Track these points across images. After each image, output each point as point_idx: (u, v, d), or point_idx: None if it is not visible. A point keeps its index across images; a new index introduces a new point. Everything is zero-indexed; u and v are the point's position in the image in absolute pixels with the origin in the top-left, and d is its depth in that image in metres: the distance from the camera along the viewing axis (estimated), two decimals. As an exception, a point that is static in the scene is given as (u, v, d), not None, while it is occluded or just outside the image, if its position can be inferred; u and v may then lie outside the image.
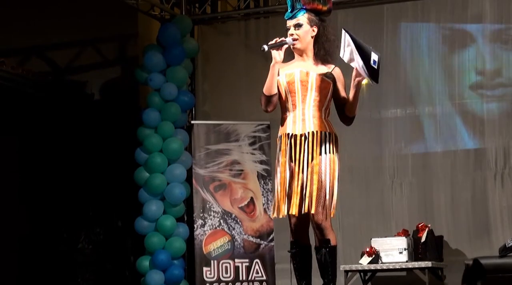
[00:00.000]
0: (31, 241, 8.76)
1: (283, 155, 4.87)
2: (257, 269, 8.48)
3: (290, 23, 4.91)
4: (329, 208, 4.79)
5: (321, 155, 4.80)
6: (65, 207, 8.80)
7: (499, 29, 8.30)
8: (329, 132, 4.85)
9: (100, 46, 9.33)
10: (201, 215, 8.51)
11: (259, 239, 8.55)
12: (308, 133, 4.82)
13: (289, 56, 4.97)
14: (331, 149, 4.83)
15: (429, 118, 8.51)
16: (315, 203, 4.75)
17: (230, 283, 8.43)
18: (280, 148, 4.90)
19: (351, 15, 8.60)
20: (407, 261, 7.75)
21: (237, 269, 8.46)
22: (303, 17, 4.89)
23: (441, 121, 8.45)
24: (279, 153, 4.90)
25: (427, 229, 7.87)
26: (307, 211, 4.76)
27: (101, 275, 8.78)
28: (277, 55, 4.77)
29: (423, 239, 7.82)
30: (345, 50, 4.74)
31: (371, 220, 8.45)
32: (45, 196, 8.82)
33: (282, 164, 4.86)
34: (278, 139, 4.94)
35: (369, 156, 8.56)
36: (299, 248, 4.95)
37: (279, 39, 4.81)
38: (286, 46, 4.82)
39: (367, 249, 7.85)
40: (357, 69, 4.71)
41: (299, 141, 4.83)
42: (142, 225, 8.35)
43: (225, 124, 8.69)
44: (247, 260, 8.50)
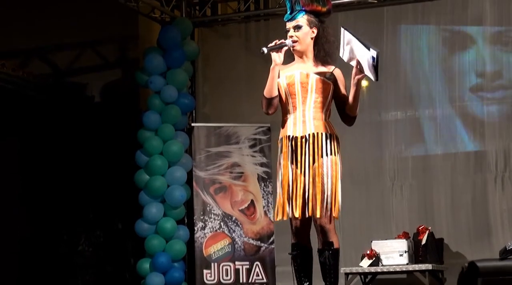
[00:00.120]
0: (31, 243, 8.77)
1: (284, 158, 4.85)
2: (257, 272, 8.47)
3: (289, 25, 4.90)
4: (332, 211, 4.78)
5: (322, 157, 4.79)
6: (65, 209, 8.81)
7: (499, 31, 8.29)
8: (330, 133, 4.84)
9: (100, 48, 9.34)
10: (202, 217, 8.50)
11: (259, 242, 8.54)
12: (309, 135, 4.81)
13: (289, 58, 4.96)
14: (333, 151, 4.82)
15: (429, 120, 8.50)
16: (319, 205, 4.74)
17: (230, 286, 8.45)
18: (281, 150, 4.88)
19: (351, 17, 8.59)
20: (407, 264, 7.74)
21: (237, 271, 8.45)
22: (302, 19, 4.89)
23: (441, 124, 8.44)
24: (280, 155, 4.88)
25: (427, 232, 7.86)
26: (311, 214, 4.75)
27: (101, 278, 8.78)
28: (277, 57, 4.76)
29: (424, 242, 7.81)
30: (345, 49, 4.73)
31: (371, 223, 8.44)
32: (46, 198, 8.83)
33: (283, 167, 4.85)
34: (279, 141, 4.92)
35: (370, 159, 8.55)
36: (300, 250, 4.94)
37: (278, 41, 4.80)
38: (286, 48, 4.81)
39: (368, 252, 7.84)
40: (358, 66, 4.69)
41: (300, 143, 4.82)
42: (142, 228, 8.34)
43: (225, 126, 8.68)
44: (248, 263, 8.49)
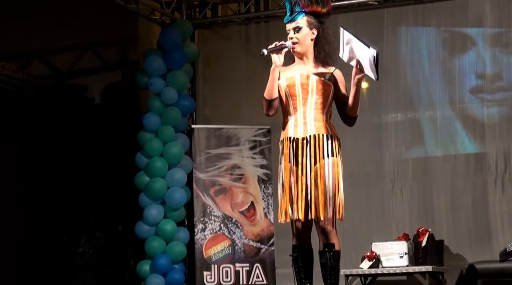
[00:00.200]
0: (31, 245, 8.76)
1: (285, 159, 4.85)
2: (257, 274, 8.47)
3: (289, 26, 4.90)
4: (335, 213, 4.78)
5: (324, 158, 4.78)
6: (65, 211, 8.81)
7: (499, 32, 8.29)
8: (331, 134, 4.84)
9: (100, 50, 9.34)
10: (202, 219, 8.50)
11: (259, 244, 8.54)
12: (310, 136, 4.81)
13: (289, 59, 4.96)
14: (334, 152, 4.81)
15: (430, 122, 8.49)
16: (321, 207, 4.74)
17: (230, 288, 8.45)
18: (282, 152, 4.87)
19: (352, 18, 8.58)
20: (407, 266, 7.74)
21: (237, 273, 8.45)
22: (302, 20, 4.89)
23: (441, 125, 8.44)
24: (282, 157, 4.88)
25: (427, 234, 7.85)
26: (314, 217, 4.75)
27: (102, 279, 8.77)
28: (277, 59, 4.76)
29: (424, 244, 7.81)
30: (344, 49, 4.73)
31: (371, 225, 8.43)
32: (46, 200, 8.83)
33: (285, 169, 4.84)
34: (280, 143, 4.92)
35: (370, 161, 8.55)
36: (301, 252, 4.93)
37: (278, 43, 4.80)
38: (286, 49, 4.81)
39: (368, 254, 7.83)
40: (358, 66, 4.69)
41: (301, 145, 4.81)
42: (142, 229, 8.34)
43: (225, 128, 8.68)
44: (248, 265, 8.48)
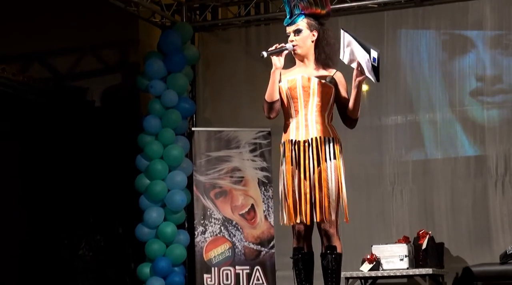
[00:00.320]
0: (32, 247, 8.76)
1: (287, 162, 4.84)
2: (257, 276, 8.46)
3: (289, 29, 4.90)
4: (338, 215, 4.78)
5: (326, 161, 4.78)
6: (65, 213, 8.80)
7: (500, 35, 8.29)
8: (333, 137, 4.84)
9: (101, 52, 9.35)
10: (202, 222, 8.50)
11: (259, 246, 8.54)
12: (311, 139, 4.81)
13: (290, 62, 4.96)
14: (336, 155, 4.82)
15: (430, 125, 8.50)
16: (325, 210, 4.74)
17: (230, 290, 8.44)
18: (284, 155, 4.87)
19: (352, 21, 8.58)
20: (408, 268, 7.74)
21: (237, 276, 8.45)
22: (302, 22, 4.89)
23: (441, 128, 8.44)
24: (283, 159, 4.87)
25: (427, 236, 7.86)
26: (319, 220, 4.75)
27: (102, 282, 8.77)
28: (277, 61, 4.76)
29: (424, 246, 7.81)
30: (345, 51, 4.72)
31: (371, 227, 8.43)
32: (46, 202, 8.82)
33: (286, 171, 4.84)
34: (281, 145, 4.91)
35: (370, 163, 8.55)
36: (301, 255, 4.92)
37: (278, 45, 4.81)
38: (286, 52, 4.81)
39: (368, 256, 7.84)
40: (359, 68, 4.69)
41: (303, 147, 4.81)
42: (142, 232, 8.34)
43: (225, 131, 8.68)
44: (248, 267, 8.48)
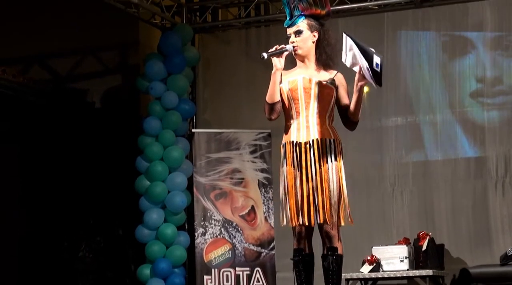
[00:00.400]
0: (32, 249, 8.76)
1: (288, 163, 4.84)
2: (258, 278, 8.46)
3: (290, 30, 4.90)
4: (339, 217, 4.78)
5: (327, 162, 4.78)
6: (66, 215, 8.80)
7: (500, 36, 8.29)
8: (334, 139, 4.84)
9: (101, 54, 9.35)
10: (202, 223, 8.50)
11: (260, 248, 8.54)
12: (312, 140, 4.81)
13: (291, 64, 4.96)
14: (337, 156, 4.82)
15: (430, 126, 8.50)
16: (327, 212, 4.74)
17: (231, 292, 8.44)
18: (285, 156, 4.86)
19: (352, 23, 8.58)
20: (408, 270, 7.74)
21: (238, 277, 8.45)
22: (302, 23, 4.89)
23: (441, 129, 8.44)
24: (284, 161, 4.87)
25: (428, 238, 7.86)
26: (322, 221, 4.74)
27: (102, 284, 8.77)
28: (278, 63, 4.76)
29: (424, 248, 7.81)
30: (347, 54, 4.72)
31: (372, 228, 8.43)
32: (46, 204, 8.83)
33: (287, 172, 4.84)
34: (281, 146, 4.91)
35: (370, 164, 8.55)
36: (302, 256, 4.92)
37: (279, 47, 4.80)
38: (286, 53, 4.81)
39: (368, 258, 7.84)
40: (361, 72, 4.69)
41: (304, 149, 4.81)
42: (142, 234, 8.34)
43: (226, 132, 8.68)
44: (248, 269, 8.48)
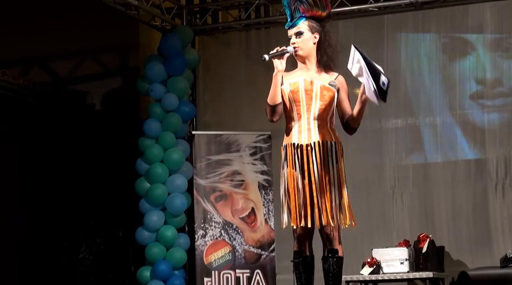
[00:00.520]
0: (32, 251, 8.76)
1: (289, 165, 4.84)
2: (258, 280, 8.45)
3: (291, 32, 4.91)
4: (340, 219, 4.78)
5: (328, 165, 4.79)
6: (66, 217, 8.81)
7: (500, 38, 8.29)
8: (335, 141, 4.85)
9: (101, 56, 9.35)
10: (202, 225, 8.49)
11: (260, 250, 8.53)
12: (314, 143, 4.81)
13: (292, 66, 4.96)
14: (338, 159, 4.83)
15: (430, 128, 8.50)
16: (328, 214, 4.74)
17: (231, 294, 8.44)
18: (285, 158, 4.86)
19: (352, 25, 8.59)
20: (408, 272, 7.73)
21: (238, 279, 8.44)
22: (303, 25, 4.89)
23: (441, 131, 8.44)
24: (285, 163, 4.87)
25: (428, 240, 7.85)
26: (323, 224, 4.75)
27: (102, 286, 8.78)
28: (279, 64, 4.76)
29: (424, 250, 7.81)
30: (354, 64, 4.71)
31: (372, 231, 8.42)
32: (46, 206, 8.82)
33: (288, 174, 4.84)
34: (282, 148, 4.91)
35: (370, 166, 8.54)
36: (302, 258, 4.92)
37: (280, 48, 4.80)
38: (287, 54, 4.81)
39: (368, 260, 7.83)
40: (365, 88, 4.69)
41: (305, 151, 4.81)
42: (143, 236, 8.33)
43: (226, 134, 8.68)
44: (248, 271, 8.47)
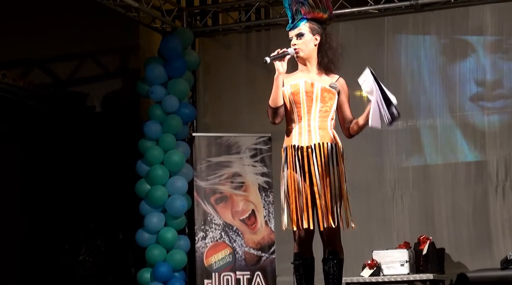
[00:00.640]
0: (32, 253, 8.75)
1: (289, 167, 4.83)
2: (258, 282, 8.45)
3: (292, 33, 4.90)
4: (340, 221, 4.78)
5: (329, 167, 4.78)
6: (66, 218, 8.80)
7: (500, 39, 8.30)
8: (335, 143, 4.84)
9: (101, 58, 9.36)
10: (202, 227, 8.49)
11: (260, 252, 8.53)
12: (314, 145, 4.81)
13: (293, 68, 4.97)
14: (338, 161, 4.82)
15: (430, 130, 8.50)
16: (329, 216, 4.74)
17: (231, 296, 8.43)
18: (286, 160, 4.86)
19: (352, 27, 8.60)
20: (408, 274, 7.73)
21: (238, 281, 8.44)
22: (304, 26, 4.89)
23: (441, 133, 8.44)
24: (285, 165, 4.86)
25: (428, 241, 7.85)
26: (323, 225, 4.74)
27: (102, 288, 8.78)
28: (280, 66, 4.76)
29: (425, 252, 7.81)
30: (365, 81, 4.70)
31: (372, 232, 8.43)
32: (46, 208, 8.82)
33: (289, 176, 4.83)
34: (282, 150, 4.90)
35: (370, 168, 8.55)
36: (302, 260, 4.92)
37: (281, 50, 4.81)
38: (288, 56, 4.81)
39: (369, 262, 7.83)
40: (371, 112, 4.69)
41: (306, 153, 4.81)
42: (143, 237, 8.33)
43: (226, 136, 8.68)
44: (248, 273, 8.47)
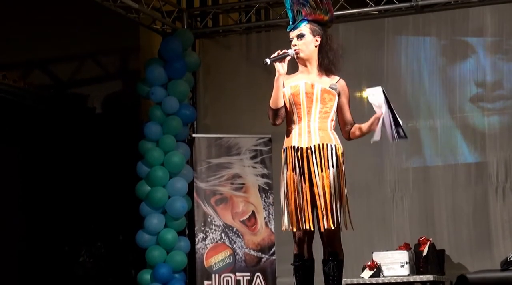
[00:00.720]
0: (32, 254, 8.75)
1: (289, 168, 4.83)
2: (258, 283, 8.45)
3: (292, 34, 4.91)
4: (340, 222, 4.78)
5: (329, 168, 4.78)
6: (66, 220, 8.80)
7: (500, 40, 8.30)
8: (335, 144, 4.85)
9: (101, 59, 9.37)
10: (202, 228, 8.49)
11: (260, 253, 8.53)
12: (314, 146, 4.81)
13: (293, 69, 4.97)
14: (338, 162, 4.82)
15: (430, 131, 8.50)
16: (329, 217, 4.74)
17: (231, 297, 8.43)
18: (286, 161, 4.86)
19: (352, 28, 8.61)
20: (408, 275, 7.73)
21: (238, 282, 8.44)
22: (305, 27, 4.89)
23: (441, 135, 8.44)
24: (284, 166, 4.86)
25: (428, 243, 7.85)
26: (323, 227, 4.74)
27: (102, 289, 8.78)
28: (281, 68, 4.76)
29: (425, 253, 7.81)
30: (376, 96, 4.73)
31: (372, 234, 8.43)
32: (46, 209, 8.82)
33: (288, 177, 4.83)
34: (282, 151, 4.90)
35: (370, 169, 8.55)
36: (302, 261, 4.91)
37: (281, 52, 4.81)
38: (289, 58, 4.81)
39: (369, 263, 7.83)
40: (378, 121, 4.74)
41: (305, 154, 4.81)
42: (143, 239, 8.33)
43: (226, 137, 8.69)
44: (249, 274, 8.47)
